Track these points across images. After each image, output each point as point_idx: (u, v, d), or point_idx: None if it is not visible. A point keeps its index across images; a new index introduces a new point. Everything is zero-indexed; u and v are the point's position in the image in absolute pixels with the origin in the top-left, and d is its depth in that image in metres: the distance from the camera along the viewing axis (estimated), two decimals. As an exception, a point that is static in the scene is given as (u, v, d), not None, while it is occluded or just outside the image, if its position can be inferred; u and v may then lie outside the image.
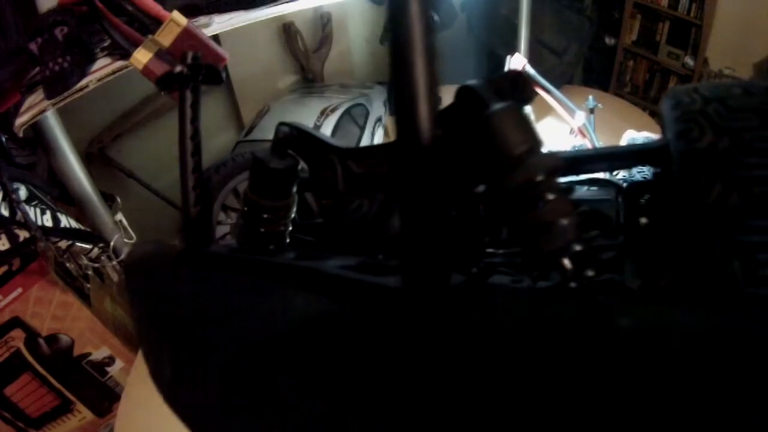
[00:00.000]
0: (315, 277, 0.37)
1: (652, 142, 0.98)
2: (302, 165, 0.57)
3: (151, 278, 0.52)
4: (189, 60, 0.52)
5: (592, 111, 1.20)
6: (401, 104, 0.29)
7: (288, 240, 0.59)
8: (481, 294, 0.30)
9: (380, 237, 0.51)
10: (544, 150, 0.36)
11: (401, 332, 0.29)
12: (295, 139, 0.56)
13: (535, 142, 0.36)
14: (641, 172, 0.63)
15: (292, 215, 0.59)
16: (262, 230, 0.57)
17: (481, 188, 0.40)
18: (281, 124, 0.56)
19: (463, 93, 0.40)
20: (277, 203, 0.56)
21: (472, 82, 0.40)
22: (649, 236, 0.43)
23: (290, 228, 0.59)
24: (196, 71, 0.53)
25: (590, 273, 0.34)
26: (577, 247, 0.34)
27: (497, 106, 0.37)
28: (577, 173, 0.51)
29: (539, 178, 0.35)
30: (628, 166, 0.54)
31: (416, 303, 0.30)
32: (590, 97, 1.22)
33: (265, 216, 0.56)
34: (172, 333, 0.47)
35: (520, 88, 0.40)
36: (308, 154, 0.56)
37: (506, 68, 1.26)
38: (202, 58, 0.95)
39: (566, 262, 0.34)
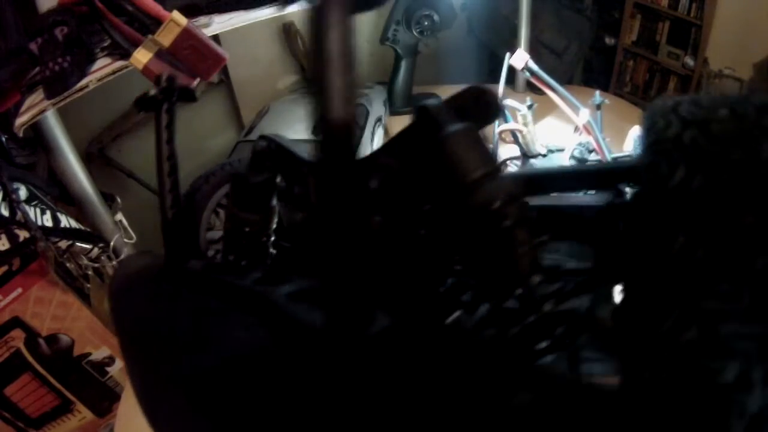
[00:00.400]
0: (263, 305, 0.36)
1: (627, 161, 0.95)
2: (279, 178, 0.56)
3: (128, 296, 0.52)
4: (162, 83, 0.53)
5: (598, 107, 1.16)
6: (319, 124, 0.27)
7: (271, 249, 0.59)
8: (400, 341, 0.27)
9: None
10: (507, 171, 0.34)
11: (315, 376, 0.28)
12: (273, 152, 0.55)
13: (492, 166, 0.33)
14: None
15: (273, 227, 0.58)
16: (244, 242, 0.56)
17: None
18: (260, 137, 0.56)
19: (419, 113, 0.37)
20: (256, 216, 0.56)
21: (428, 101, 0.37)
22: (623, 262, 0.38)
23: (272, 238, 0.59)
24: (170, 94, 0.53)
25: (548, 307, 0.32)
26: (537, 279, 0.32)
27: (452, 127, 0.34)
28: (542, 193, 0.47)
29: (496, 205, 0.33)
30: (601, 186, 0.49)
31: (331, 348, 0.28)
32: (597, 92, 1.19)
33: (246, 229, 0.56)
34: (133, 354, 0.47)
35: (483, 106, 0.38)
36: (284, 167, 0.55)
37: (505, 66, 1.24)
38: (202, 57, 0.95)
39: (524, 292, 0.32)
